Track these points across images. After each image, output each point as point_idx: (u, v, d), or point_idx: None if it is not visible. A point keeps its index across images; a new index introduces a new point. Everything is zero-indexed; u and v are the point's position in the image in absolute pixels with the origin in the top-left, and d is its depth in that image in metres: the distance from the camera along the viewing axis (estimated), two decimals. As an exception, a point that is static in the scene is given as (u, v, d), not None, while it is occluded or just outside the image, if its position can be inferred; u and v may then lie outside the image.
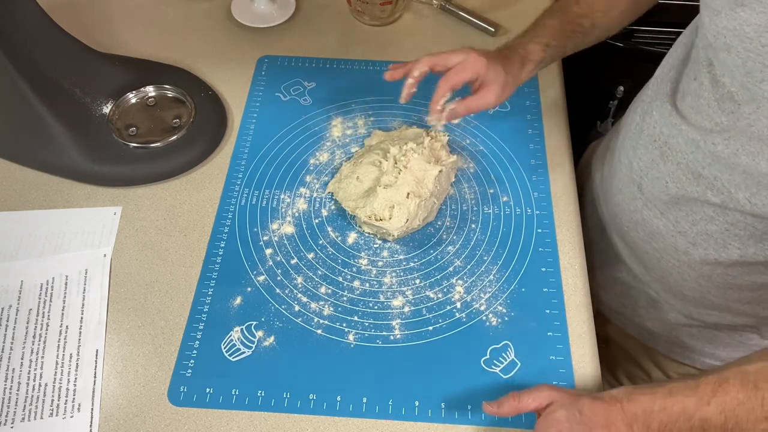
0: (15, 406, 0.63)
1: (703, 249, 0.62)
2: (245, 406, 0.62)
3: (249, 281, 0.70)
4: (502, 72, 0.68)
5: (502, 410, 0.57)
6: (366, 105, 0.87)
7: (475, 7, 0.97)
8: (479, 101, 0.67)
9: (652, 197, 0.65)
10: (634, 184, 0.67)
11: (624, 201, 0.70)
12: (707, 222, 0.60)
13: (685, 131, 0.58)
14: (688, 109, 0.59)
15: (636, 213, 0.68)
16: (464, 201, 0.77)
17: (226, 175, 0.80)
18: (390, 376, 0.64)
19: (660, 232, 0.66)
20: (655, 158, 0.63)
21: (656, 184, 0.63)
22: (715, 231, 0.59)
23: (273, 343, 0.66)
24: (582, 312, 0.68)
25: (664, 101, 0.62)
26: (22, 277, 0.71)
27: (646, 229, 0.67)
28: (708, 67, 0.55)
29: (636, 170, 0.67)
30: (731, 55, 0.51)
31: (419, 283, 0.70)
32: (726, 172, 0.55)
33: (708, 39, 0.54)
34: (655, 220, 0.66)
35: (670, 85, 0.62)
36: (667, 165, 0.62)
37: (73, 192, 0.79)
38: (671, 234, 0.64)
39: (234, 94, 0.88)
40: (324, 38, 0.96)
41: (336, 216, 0.76)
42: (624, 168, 0.69)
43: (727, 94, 0.53)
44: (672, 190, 0.61)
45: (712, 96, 0.55)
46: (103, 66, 0.84)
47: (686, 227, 0.62)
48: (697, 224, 0.61)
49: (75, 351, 0.66)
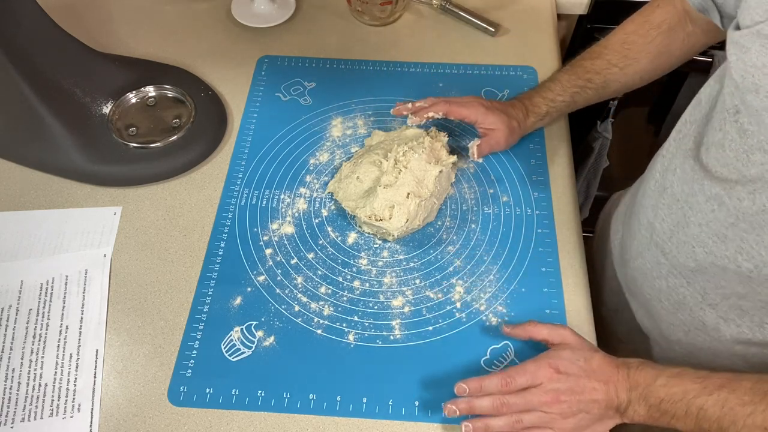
0: (15, 406, 0.63)
1: (736, 326, 0.57)
2: (245, 406, 0.62)
3: (249, 281, 0.70)
4: (505, 118, 0.74)
5: (516, 331, 0.63)
6: (366, 105, 0.87)
7: (475, 7, 0.97)
8: (489, 141, 0.75)
9: (677, 263, 0.60)
10: (657, 247, 0.63)
11: (645, 266, 0.66)
12: (739, 297, 0.55)
13: (707, 187, 0.54)
14: (713, 162, 0.54)
15: (660, 280, 0.63)
16: (464, 201, 0.77)
17: (226, 175, 0.80)
18: (390, 376, 0.64)
19: (687, 302, 0.61)
20: (679, 220, 0.59)
21: (682, 248, 0.59)
22: (749, 307, 0.54)
23: (273, 343, 0.66)
24: (582, 313, 0.68)
25: (687, 156, 0.58)
26: (22, 277, 0.71)
27: (671, 298, 0.63)
28: (735, 115, 0.51)
29: (659, 232, 0.62)
30: (759, 97, 0.47)
31: (419, 283, 0.70)
32: (753, 231, 0.50)
33: (735, 80, 0.50)
34: (681, 288, 0.61)
35: (692, 139, 0.58)
36: (690, 227, 0.57)
37: (73, 192, 0.79)
38: (699, 306, 0.59)
39: (234, 94, 0.88)
40: (324, 38, 0.96)
41: (336, 216, 0.76)
42: (644, 230, 0.65)
43: (757, 144, 0.49)
44: (699, 255, 0.56)
45: (740, 147, 0.50)
46: (103, 66, 0.84)
47: (716, 300, 0.57)
48: (728, 298, 0.55)
49: (75, 351, 0.66)
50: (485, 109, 0.74)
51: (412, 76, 0.90)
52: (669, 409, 0.52)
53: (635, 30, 0.71)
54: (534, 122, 0.77)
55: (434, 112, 0.75)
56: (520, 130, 0.76)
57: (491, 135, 0.75)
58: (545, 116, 0.77)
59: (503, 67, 0.91)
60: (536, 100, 0.76)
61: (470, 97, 0.77)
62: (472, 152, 0.75)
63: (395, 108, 0.77)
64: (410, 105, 0.76)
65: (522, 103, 0.77)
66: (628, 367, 0.55)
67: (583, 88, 0.74)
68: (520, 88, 0.86)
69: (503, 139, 0.75)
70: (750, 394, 0.49)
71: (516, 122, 0.75)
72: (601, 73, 0.73)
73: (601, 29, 1.05)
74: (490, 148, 0.76)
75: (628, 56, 0.71)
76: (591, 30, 1.06)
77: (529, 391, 0.56)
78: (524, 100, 0.77)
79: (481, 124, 0.75)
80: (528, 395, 0.55)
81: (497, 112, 0.74)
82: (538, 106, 0.76)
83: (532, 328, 0.61)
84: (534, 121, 0.77)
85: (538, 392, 0.55)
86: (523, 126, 0.76)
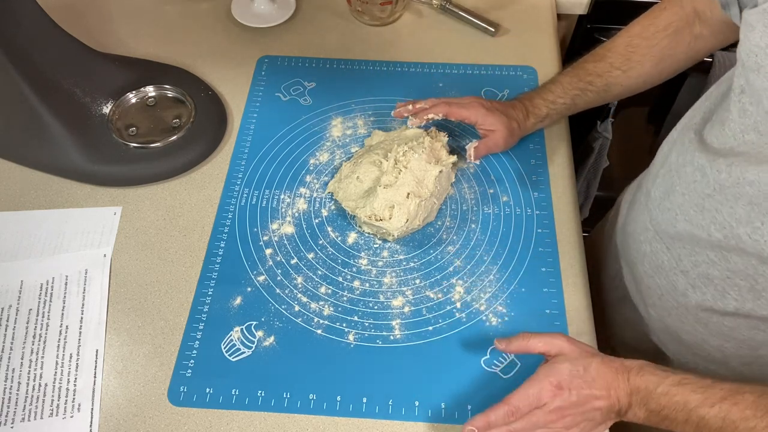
0: (15, 406, 0.63)
1: (702, 293, 0.59)
2: (245, 406, 0.62)
3: (249, 281, 0.70)
4: (505, 119, 0.74)
5: (511, 347, 0.60)
6: (366, 105, 0.87)
7: (475, 7, 0.97)
8: (487, 143, 0.75)
9: (660, 229, 0.63)
10: (648, 213, 0.65)
11: (636, 230, 0.68)
12: (709, 265, 0.57)
13: (697, 157, 0.56)
14: (711, 137, 0.56)
15: (645, 244, 0.66)
16: (464, 201, 0.77)
17: (226, 175, 0.80)
18: (390, 376, 0.64)
19: (664, 266, 0.63)
20: (668, 188, 0.61)
21: (666, 215, 0.61)
22: (716, 276, 0.57)
23: (273, 343, 0.66)
24: (582, 313, 0.68)
25: (689, 129, 0.60)
26: (22, 277, 0.71)
27: (652, 262, 0.65)
28: (740, 95, 0.52)
29: (652, 199, 0.65)
30: (760, 77, 0.48)
31: (419, 283, 0.70)
32: (727, 203, 0.53)
33: (742, 59, 0.51)
34: (660, 253, 0.63)
35: (701, 114, 0.60)
36: (676, 196, 0.60)
37: (73, 192, 0.79)
38: (674, 271, 0.62)
39: (234, 94, 0.88)
40: (324, 38, 0.96)
41: (336, 216, 0.76)
42: (642, 196, 0.68)
43: (753, 124, 0.50)
44: (680, 223, 0.59)
45: (738, 126, 0.52)
46: (103, 66, 0.84)
47: (688, 266, 0.59)
48: (699, 266, 0.58)
49: (75, 351, 0.66)
50: (485, 110, 0.74)
51: (412, 76, 0.90)
52: (669, 416, 0.53)
53: (640, 33, 0.71)
54: (534, 123, 0.77)
55: (434, 113, 0.75)
56: (519, 131, 0.76)
57: (490, 136, 0.75)
58: (545, 118, 0.77)
59: (503, 67, 0.91)
60: (537, 101, 0.76)
61: (470, 97, 0.77)
62: (469, 154, 0.75)
63: (396, 110, 0.77)
64: (411, 106, 0.76)
65: (522, 104, 0.77)
66: (628, 371, 0.55)
67: (584, 91, 0.74)
68: (520, 88, 0.86)
69: (502, 140, 0.75)
70: (752, 408, 0.49)
71: (516, 123, 0.75)
72: (602, 76, 0.73)
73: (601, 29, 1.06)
74: (488, 150, 0.76)
75: (632, 59, 0.71)
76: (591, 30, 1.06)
77: (533, 413, 0.55)
78: (525, 101, 0.77)
79: (481, 125, 0.75)
80: (533, 417, 0.55)
81: (497, 113, 0.74)
82: (539, 107, 0.76)
83: (526, 343, 0.59)
84: (534, 122, 0.77)
85: (543, 413, 0.55)
86: (522, 127, 0.76)
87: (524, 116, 0.76)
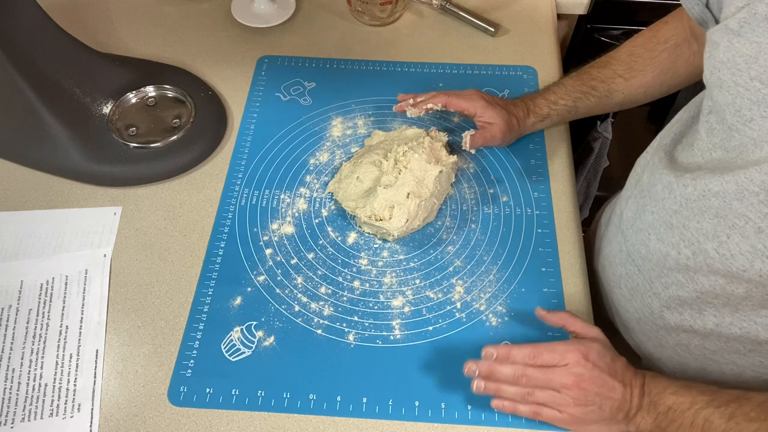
0: (15, 406, 0.63)
1: (679, 314, 0.57)
2: (245, 406, 0.62)
3: (249, 281, 0.70)
4: (505, 114, 0.75)
5: (553, 318, 0.62)
6: (366, 105, 0.87)
7: (475, 7, 0.97)
8: (484, 134, 0.75)
9: (632, 250, 0.62)
10: (622, 235, 0.65)
11: (612, 253, 0.67)
12: (678, 287, 0.56)
13: (665, 175, 0.56)
14: (682, 158, 0.56)
15: (620, 266, 0.65)
16: (464, 201, 0.77)
17: (226, 175, 0.80)
18: (390, 376, 0.64)
19: (639, 289, 0.62)
20: (639, 208, 0.61)
21: (638, 236, 0.61)
22: (686, 297, 0.55)
23: (273, 343, 0.66)
24: (582, 313, 0.68)
25: (660, 149, 0.60)
26: (22, 277, 0.71)
27: (627, 285, 0.64)
28: (707, 115, 0.52)
29: (624, 220, 0.64)
30: (722, 92, 0.48)
31: (419, 283, 0.70)
32: (693, 219, 0.52)
33: (706, 77, 0.51)
34: (634, 276, 0.62)
35: (671, 136, 0.61)
36: (646, 215, 0.59)
37: (73, 192, 0.79)
38: (648, 294, 0.61)
39: (234, 94, 0.88)
40: (324, 38, 0.96)
41: (336, 216, 0.76)
42: (616, 218, 0.68)
43: (719, 142, 0.50)
44: (652, 242, 0.58)
45: (705, 145, 0.52)
46: (103, 66, 0.84)
47: (659, 288, 0.59)
48: (669, 287, 0.57)
49: (75, 351, 0.66)
50: (485, 103, 0.74)
51: (412, 76, 0.90)
52: (676, 419, 0.53)
53: (643, 43, 0.72)
54: (534, 122, 0.77)
55: (433, 103, 0.75)
56: (518, 128, 0.77)
57: (488, 128, 0.75)
58: (546, 118, 0.77)
59: (503, 67, 0.91)
60: (539, 101, 0.77)
61: (472, 90, 0.77)
62: (465, 142, 0.75)
63: (398, 105, 0.78)
64: (411, 100, 0.76)
65: (524, 103, 0.77)
66: (644, 375, 0.57)
67: (586, 94, 0.75)
68: (520, 88, 0.86)
69: (500, 134, 0.75)
70: (757, 411, 0.50)
71: (515, 120, 0.76)
72: (605, 82, 0.74)
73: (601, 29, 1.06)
74: (484, 141, 0.75)
75: (634, 68, 0.72)
76: (591, 30, 1.06)
77: (553, 369, 0.56)
78: (526, 101, 0.77)
79: (480, 117, 0.75)
80: (550, 373, 0.55)
81: (497, 107, 0.75)
82: (540, 107, 0.77)
83: (567, 317, 0.61)
84: (534, 121, 0.77)
85: (562, 372, 0.55)
86: (522, 124, 0.77)
87: (525, 114, 0.76)
